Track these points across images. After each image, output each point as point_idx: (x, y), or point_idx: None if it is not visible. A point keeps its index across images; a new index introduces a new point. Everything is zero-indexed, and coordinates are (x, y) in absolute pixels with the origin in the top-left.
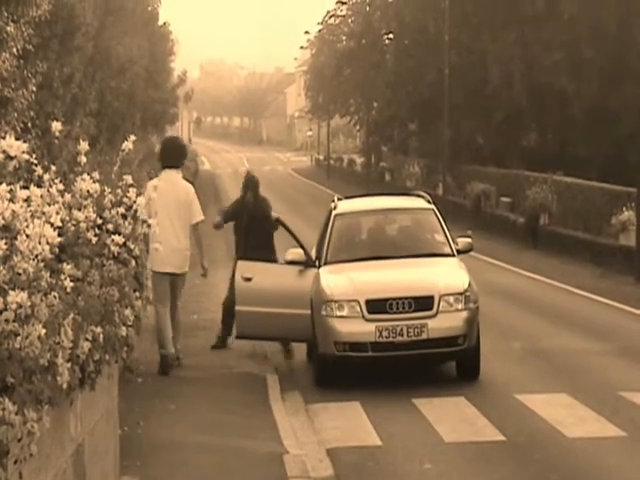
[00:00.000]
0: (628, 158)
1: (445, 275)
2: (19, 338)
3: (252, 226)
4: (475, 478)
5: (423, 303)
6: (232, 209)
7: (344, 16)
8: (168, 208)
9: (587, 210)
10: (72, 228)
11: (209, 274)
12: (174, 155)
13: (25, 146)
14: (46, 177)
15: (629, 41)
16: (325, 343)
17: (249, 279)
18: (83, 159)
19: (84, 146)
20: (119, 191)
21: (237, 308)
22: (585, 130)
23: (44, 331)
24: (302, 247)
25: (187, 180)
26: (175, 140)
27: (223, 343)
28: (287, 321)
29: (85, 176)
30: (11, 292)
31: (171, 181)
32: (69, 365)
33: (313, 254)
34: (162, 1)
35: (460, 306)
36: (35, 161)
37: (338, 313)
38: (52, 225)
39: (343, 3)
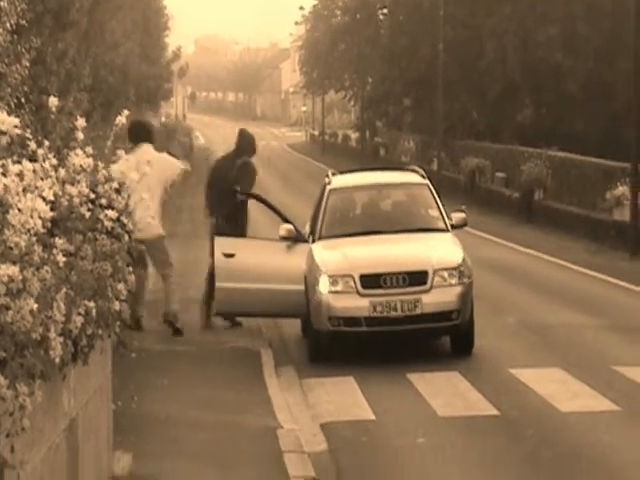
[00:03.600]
0: (623, 133)
1: (439, 250)
2: (11, 312)
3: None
4: (468, 452)
5: (417, 278)
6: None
7: None
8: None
9: (581, 185)
10: (65, 203)
11: (204, 248)
12: (143, 134)
13: (17, 121)
14: (40, 152)
15: (624, 16)
16: (319, 318)
17: (231, 255)
18: (80, 135)
19: (81, 122)
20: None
21: (217, 285)
22: (580, 105)
23: (36, 305)
24: (287, 220)
25: (172, 155)
26: (141, 120)
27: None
28: (272, 297)
29: (78, 151)
30: (2, 266)
31: (139, 156)
32: (61, 339)
33: (307, 229)
34: None
35: (454, 281)
36: (29, 136)
37: (332, 288)
38: (44, 199)
39: None
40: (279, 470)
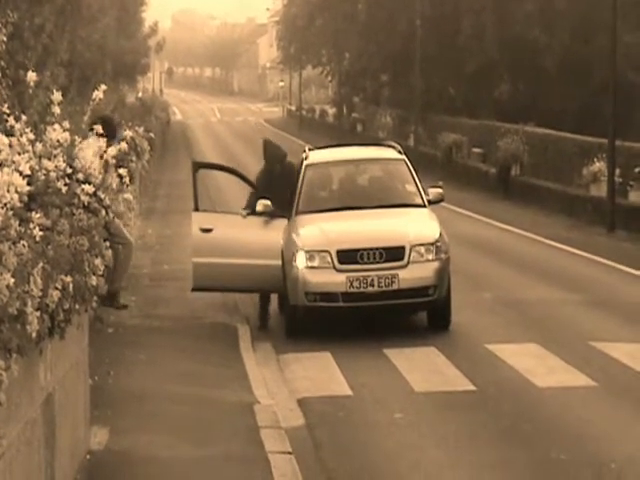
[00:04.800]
0: (600, 110)
1: (416, 226)
2: None
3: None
4: (445, 427)
5: (394, 254)
6: (262, 186)
7: None
8: None
9: (558, 161)
10: (42, 177)
11: (181, 224)
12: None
13: None
14: (17, 127)
15: None
16: (296, 294)
17: (209, 230)
18: (57, 110)
19: (57, 96)
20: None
21: (194, 260)
22: (557, 82)
23: (13, 280)
24: (264, 195)
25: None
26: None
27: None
28: (250, 272)
29: (56, 126)
30: None
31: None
32: (38, 314)
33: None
34: None
35: (431, 257)
36: (6, 111)
37: (309, 264)
38: (21, 174)
39: None
40: (256, 445)
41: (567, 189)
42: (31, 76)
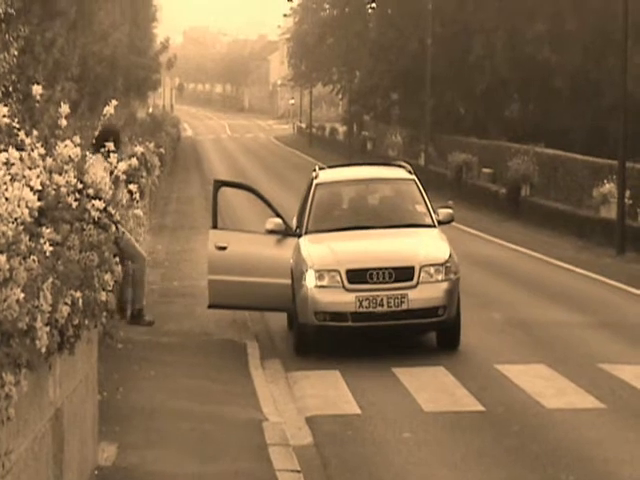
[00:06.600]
0: (610, 131)
1: (426, 246)
2: None
3: None
4: (454, 447)
5: (403, 274)
6: None
7: None
8: None
9: (568, 182)
10: (52, 192)
11: (190, 240)
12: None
13: (5, 110)
14: (27, 141)
15: (612, 13)
16: (305, 313)
17: (223, 248)
18: (64, 122)
19: (65, 109)
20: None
21: (210, 277)
22: (567, 102)
23: (22, 295)
24: (279, 215)
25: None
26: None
27: None
28: (263, 290)
29: (67, 141)
30: None
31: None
32: (48, 329)
33: (294, 223)
34: None
35: (440, 277)
36: (17, 125)
37: (318, 283)
38: (32, 189)
39: None
40: (264, 463)
41: (577, 210)
42: (37, 89)
